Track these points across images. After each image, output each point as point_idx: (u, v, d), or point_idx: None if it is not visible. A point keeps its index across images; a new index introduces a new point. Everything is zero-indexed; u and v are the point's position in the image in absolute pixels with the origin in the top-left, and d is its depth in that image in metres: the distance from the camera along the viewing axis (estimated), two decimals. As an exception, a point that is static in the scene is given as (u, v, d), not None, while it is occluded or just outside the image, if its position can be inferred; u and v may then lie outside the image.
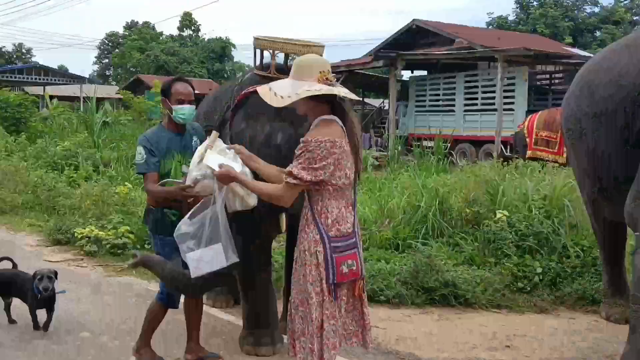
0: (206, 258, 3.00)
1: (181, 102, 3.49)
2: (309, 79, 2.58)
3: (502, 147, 15.86)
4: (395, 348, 4.01)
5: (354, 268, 2.60)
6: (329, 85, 2.58)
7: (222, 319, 4.56)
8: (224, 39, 46.16)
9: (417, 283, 5.02)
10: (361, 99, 23.84)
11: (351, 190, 2.67)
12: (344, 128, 2.61)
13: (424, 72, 22.29)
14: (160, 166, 3.47)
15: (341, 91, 2.61)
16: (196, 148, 3.41)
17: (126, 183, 8.24)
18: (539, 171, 7.07)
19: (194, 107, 3.57)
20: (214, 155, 3.00)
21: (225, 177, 2.87)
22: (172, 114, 3.51)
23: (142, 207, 7.23)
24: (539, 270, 5.17)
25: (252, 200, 3.05)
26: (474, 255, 5.62)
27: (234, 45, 46.62)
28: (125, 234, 6.54)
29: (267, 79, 3.34)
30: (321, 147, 2.50)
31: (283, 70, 3.47)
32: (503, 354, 3.98)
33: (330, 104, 2.63)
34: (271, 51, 3.58)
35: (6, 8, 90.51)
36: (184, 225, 3.06)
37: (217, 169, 2.90)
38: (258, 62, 3.69)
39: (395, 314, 4.74)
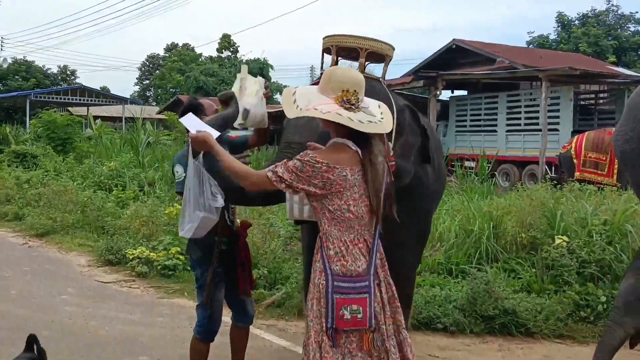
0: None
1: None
2: (330, 95, 2.38)
3: (547, 168, 15.52)
4: (458, 379, 3.89)
5: (359, 316, 2.26)
6: (348, 108, 2.34)
7: (280, 345, 4.50)
8: (262, 60, 46.67)
9: (475, 310, 4.89)
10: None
11: (365, 227, 2.39)
12: (362, 156, 2.37)
13: (464, 92, 22.09)
14: None
15: (355, 119, 2.33)
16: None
17: (175, 204, 8.30)
18: (596, 194, 6.83)
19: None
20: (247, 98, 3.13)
21: (200, 144, 2.53)
22: None
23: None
24: (603, 299, 4.97)
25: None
26: (532, 282, 5.45)
27: (271, 66, 47.06)
28: (175, 255, 6.57)
29: None
30: (314, 166, 2.29)
31: None
32: (573, 388, 3.81)
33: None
34: (333, 47, 3.39)
35: (52, 32, 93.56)
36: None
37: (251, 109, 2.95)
38: (330, 64, 3.50)
39: (455, 343, 4.60)
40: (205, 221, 2.82)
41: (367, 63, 3.44)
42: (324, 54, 3.52)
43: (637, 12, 35.17)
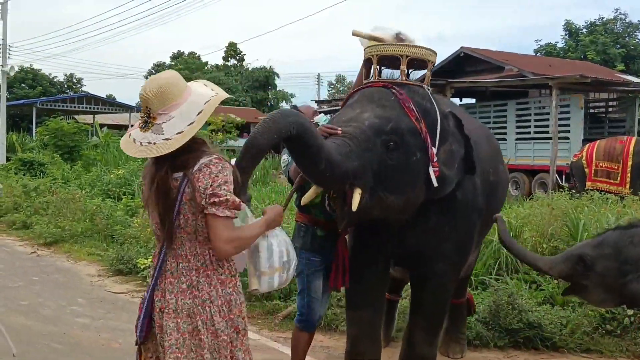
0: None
1: None
2: None
3: (557, 177, 15.38)
4: (487, 396, 3.75)
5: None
6: (141, 127, 2.19)
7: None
8: (268, 68, 46.75)
9: (499, 324, 4.75)
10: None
11: (160, 245, 2.23)
12: (156, 171, 2.16)
13: (472, 100, 21.98)
14: None
15: (135, 140, 2.17)
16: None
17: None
18: (616, 203, 6.70)
19: None
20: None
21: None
22: None
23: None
24: (630, 312, 4.82)
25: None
26: (554, 294, 5.30)
27: (277, 75, 47.16)
28: (187, 265, 6.43)
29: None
30: None
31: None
32: (606, 405, 3.67)
33: None
34: (374, 56, 3.38)
35: (58, 40, 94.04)
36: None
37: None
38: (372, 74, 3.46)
39: (480, 357, 4.48)
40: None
41: (410, 70, 3.38)
42: (366, 63, 3.47)
43: (645, 20, 35.16)
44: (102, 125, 28.25)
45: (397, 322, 4.80)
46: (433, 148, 3.19)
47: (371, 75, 3.45)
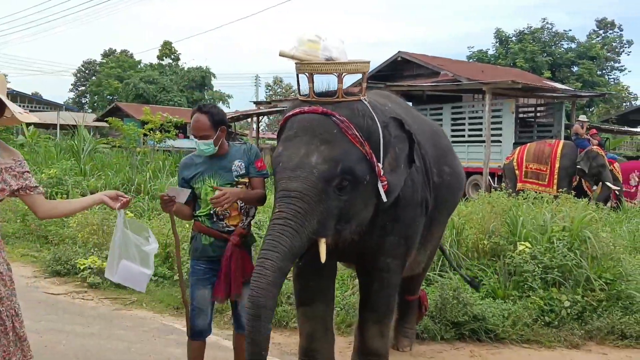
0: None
1: (194, 136, 3.42)
2: None
3: (490, 179, 15.92)
4: (438, 386, 3.86)
5: None
6: None
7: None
8: (204, 68, 46.13)
9: (445, 317, 4.89)
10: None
11: None
12: None
13: (409, 103, 22.43)
14: (196, 191, 3.42)
15: None
16: (236, 171, 3.43)
17: (128, 212, 7.97)
18: (553, 202, 7.01)
19: (208, 142, 3.36)
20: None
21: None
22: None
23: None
24: (567, 304, 5.07)
25: None
26: (495, 288, 5.50)
27: (214, 75, 46.60)
28: (130, 265, 6.27)
29: (307, 103, 3.22)
30: None
31: (323, 94, 3.32)
32: (549, 392, 3.84)
33: None
34: (307, 74, 3.34)
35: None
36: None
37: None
38: (308, 90, 3.42)
39: (427, 350, 4.58)
40: (127, 269, 3.08)
41: (344, 74, 3.33)
42: (299, 76, 3.41)
43: (570, 30, 37.04)
44: (28, 125, 27.02)
45: (349, 317, 4.86)
46: (379, 164, 3.23)
47: (306, 89, 3.40)
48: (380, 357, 3.72)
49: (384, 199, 3.22)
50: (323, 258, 3.08)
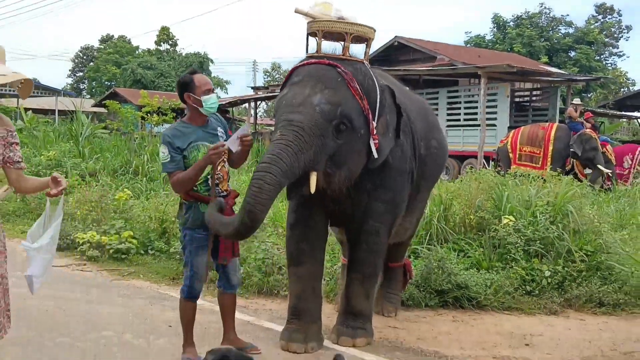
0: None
1: (208, 91, 3.50)
2: None
3: (485, 162, 16.08)
4: (419, 346, 4.07)
5: None
6: None
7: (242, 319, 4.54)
8: (202, 53, 46.03)
9: (430, 286, 5.09)
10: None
11: None
12: None
13: (406, 88, 22.52)
14: (187, 161, 3.49)
15: None
16: (222, 137, 3.57)
17: (125, 190, 8.15)
18: (538, 179, 7.19)
19: (215, 96, 3.55)
20: None
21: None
22: (201, 105, 3.49)
23: (143, 213, 7.19)
24: (547, 273, 5.27)
25: None
26: (480, 260, 5.70)
27: (211, 60, 46.51)
28: (128, 239, 6.47)
29: (315, 59, 3.58)
30: None
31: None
32: (524, 351, 4.05)
33: None
34: (318, 32, 3.62)
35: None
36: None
37: None
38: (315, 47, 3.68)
39: (411, 316, 4.79)
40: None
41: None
42: (309, 37, 3.68)
43: (567, 15, 37.12)
44: (26, 110, 27.11)
45: (337, 287, 5.06)
46: (373, 122, 3.51)
47: (314, 48, 3.67)
48: (364, 317, 3.94)
49: (375, 155, 3.53)
50: (313, 189, 3.37)
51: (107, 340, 3.96)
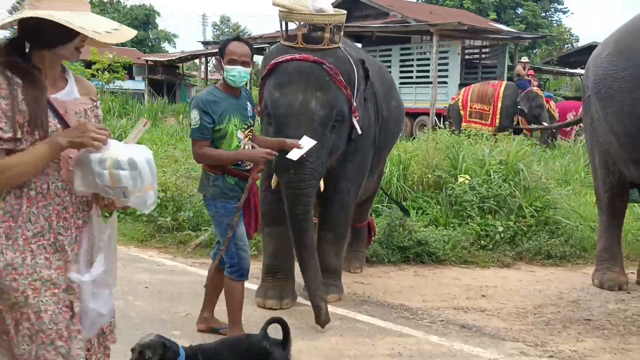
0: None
1: (233, 62, 3.25)
2: None
3: (436, 119, 16.45)
4: (385, 299, 4.34)
5: None
6: None
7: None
8: (148, 6, 44.64)
9: (392, 242, 5.36)
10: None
11: None
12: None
13: (359, 45, 22.58)
14: (216, 130, 3.26)
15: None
16: (250, 112, 3.40)
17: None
18: (491, 138, 7.54)
19: (247, 69, 3.29)
20: None
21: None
22: (224, 74, 3.31)
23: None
24: (501, 229, 5.63)
25: None
26: (437, 217, 6.01)
27: (158, 13, 45.19)
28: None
29: (294, 50, 3.65)
30: None
31: (310, 40, 3.74)
32: (481, 302, 4.37)
33: None
34: (297, 23, 3.75)
35: None
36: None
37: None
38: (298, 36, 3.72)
39: (375, 271, 5.06)
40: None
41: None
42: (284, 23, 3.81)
43: (516, -29, 37.32)
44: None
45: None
46: (354, 102, 3.75)
47: (297, 38, 3.73)
48: (336, 275, 4.21)
49: (359, 131, 3.84)
50: (322, 187, 3.82)
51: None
